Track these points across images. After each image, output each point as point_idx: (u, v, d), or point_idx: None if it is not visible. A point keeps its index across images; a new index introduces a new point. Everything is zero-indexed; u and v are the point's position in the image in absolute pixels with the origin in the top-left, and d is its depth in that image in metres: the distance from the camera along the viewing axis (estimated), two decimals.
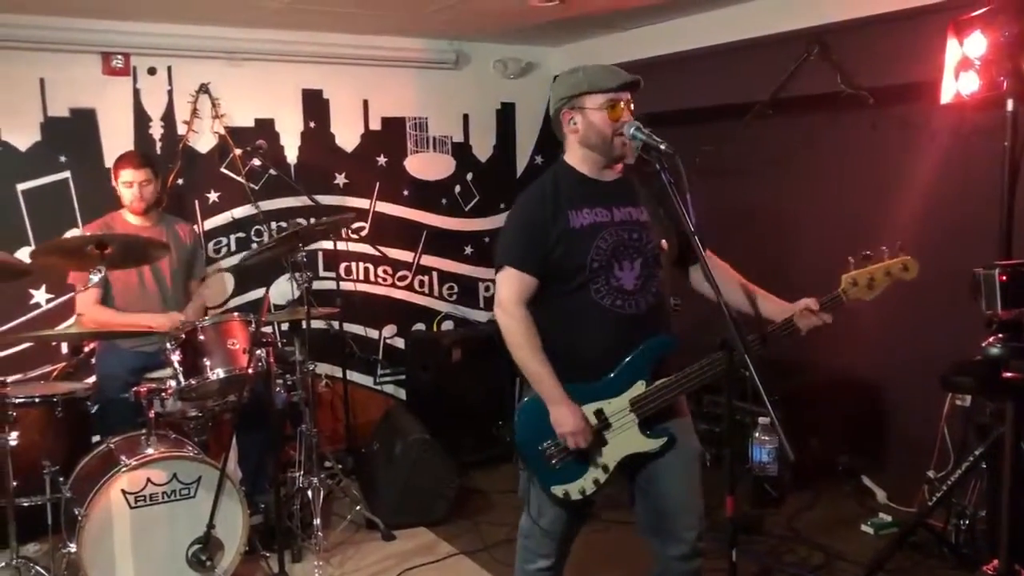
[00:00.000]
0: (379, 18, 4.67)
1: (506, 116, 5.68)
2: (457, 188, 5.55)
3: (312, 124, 5.10)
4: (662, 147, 2.36)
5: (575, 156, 2.55)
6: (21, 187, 4.40)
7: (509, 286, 2.49)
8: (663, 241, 2.52)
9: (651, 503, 2.58)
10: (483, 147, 5.63)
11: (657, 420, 2.51)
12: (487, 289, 5.70)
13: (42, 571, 3.33)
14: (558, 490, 2.52)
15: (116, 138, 4.56)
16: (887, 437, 4.55)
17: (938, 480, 3.75)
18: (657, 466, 2.53)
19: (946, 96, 3.45)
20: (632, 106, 2.49)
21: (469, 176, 5.58)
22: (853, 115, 4.39)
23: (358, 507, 4.08)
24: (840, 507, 4.22)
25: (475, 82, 5.51)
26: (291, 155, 5.06)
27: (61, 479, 3.42)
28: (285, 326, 4.70)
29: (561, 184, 2.52)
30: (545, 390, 2.47)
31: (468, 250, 5.62)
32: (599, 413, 2.49)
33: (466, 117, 5.56)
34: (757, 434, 4.18)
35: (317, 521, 3.74)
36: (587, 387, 2.49)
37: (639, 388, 2.48)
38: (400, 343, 5.44)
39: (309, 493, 3.85)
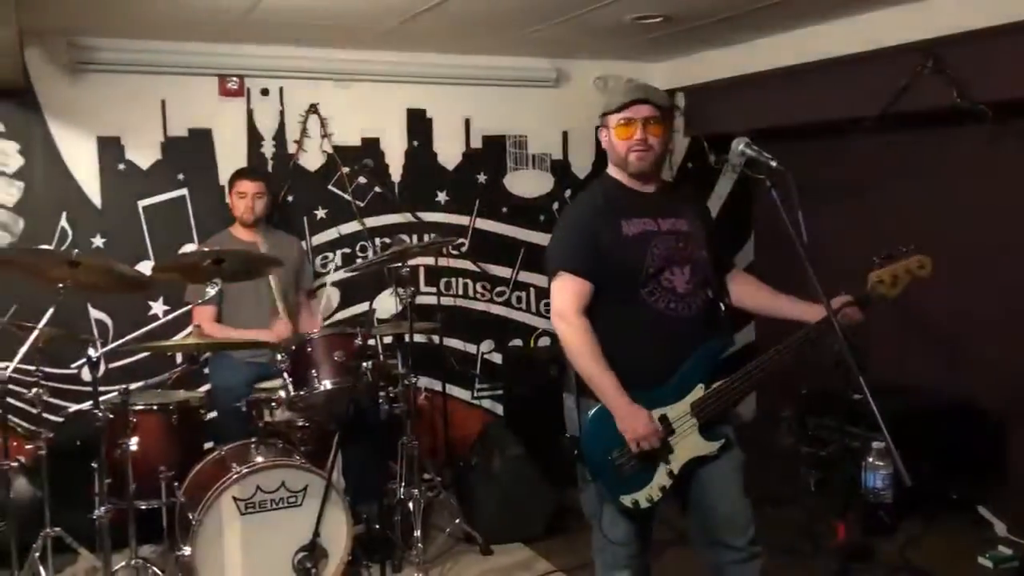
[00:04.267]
0: (482, 38, 4.75)
1: None
2: (555, 205, 5.57)
3: (416, 143, 5.20)
4: (772, 164, 2.34)
5: (614, 169, 2.64)
6: (142, 203, 4.63)
7: (566, 293, 2.54)
8: (704, 251, 2.60)
9: (706, 513, 2.61)
10: (582, 164, 5.63)
11: (714, 423, 2.55)
12: None
13: (158, 572, 3.47)
14: (627, 499, 2.52)
15: (231, 157, 4.75)
16: (1007, 466, 4.34)
17: None
18: (709, 471, 2.57)
19: None
20: (659, 121, 2.53)
21: (568, 193, 5.59)
22: (968, 131, 4.22)
23: (457, 520, 4.12)
24: (955, 538, 4.02)
25: (575, 99, 5.52)
26: (395, 173, 5.17)
27: (176, 484, 3.58)
28: (388, 339, 4.79)
29: (608, 194, 2.61)
30: (609, 398, 2.48)
31: None
32: (663, 419, 2.51)
33: (566, 134, 5.57)
34: (870, 459, 4.03)
35: (417, 533, 3.79)
36: (648, 394, 2.50)
37: (698, 392, 2.52)
38: (497, 358, 5.47)
39: (410, 505, 3.91)
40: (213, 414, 3.94)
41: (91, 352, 3.14)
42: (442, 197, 5.29)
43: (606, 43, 5.03)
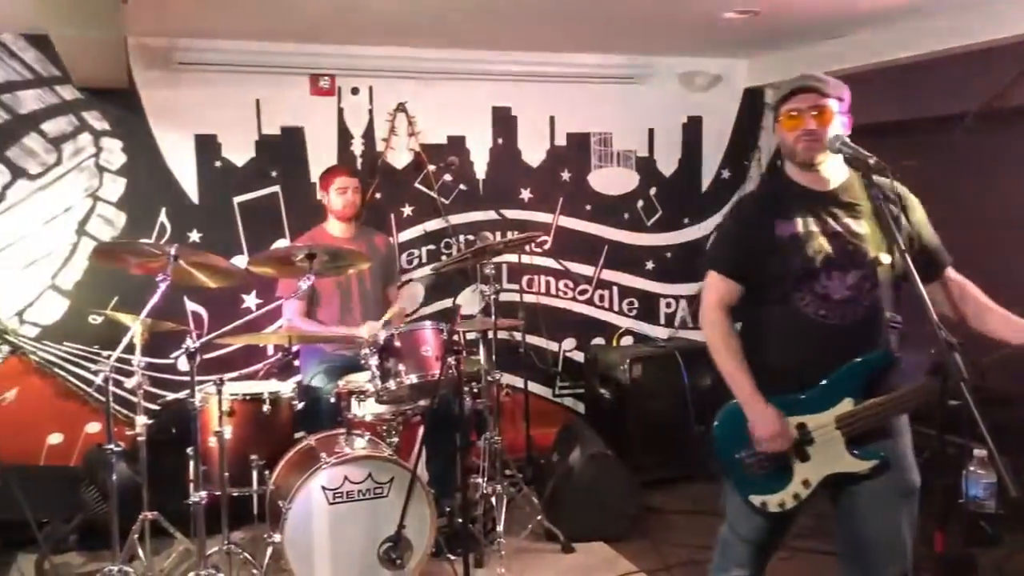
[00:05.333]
0: (568, 36, 4.74)
1: (692, 130, 5.61)
2: (640, 203, 5.53)
3: (500, 140, 5.23)
4: (871, 161, 2.28)
5: (788, 165, 2.53)
6: (237, 200, 4.78)
7: (711, 291, 2.52)
8: (882, 255, 2.40)
9: (852, 531, 2.47)
10: (668, 161, 5.58)
11: (869, 439, 2.40)
12: (668, 306, 5.64)
13: (248, 557, 3.58)
14: (756, 500, 2.47)
15: (321, 154, 4.86)
16: None
17: None
18: (864, 491, 2.41)
19: None
20: (828, 110, 2.39)
21: (653, 191, 5.55)
22: None
23: (539, 517, 4.12)
24: None
25: (661, 96, 5.47)
26: (480, 170, 5.21)
27: (266, 472, 3.67)
28: (471, 336, 4.82)
29: (776, 192, 2.51)
30: (741, 393, 2.44)
31: (649, 265, 5.58)
32: (801, 427, 2.42)
33: (651, 132, 5.53)
34: (972, 468, 3.89)
35: (500, 528, 3.81)
36: (790, 399, 2.42)
37: (847, 405, 2.39)
38: (579, 356, 5.46)
39: (492, 500, 3.93)
40: (303, 404, 4.02)
41: (188, 343, 3.26)
42: (526, 194, 5.30)
43: (692, 39, 4.97)
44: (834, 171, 2.46)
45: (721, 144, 5.65)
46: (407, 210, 5.09)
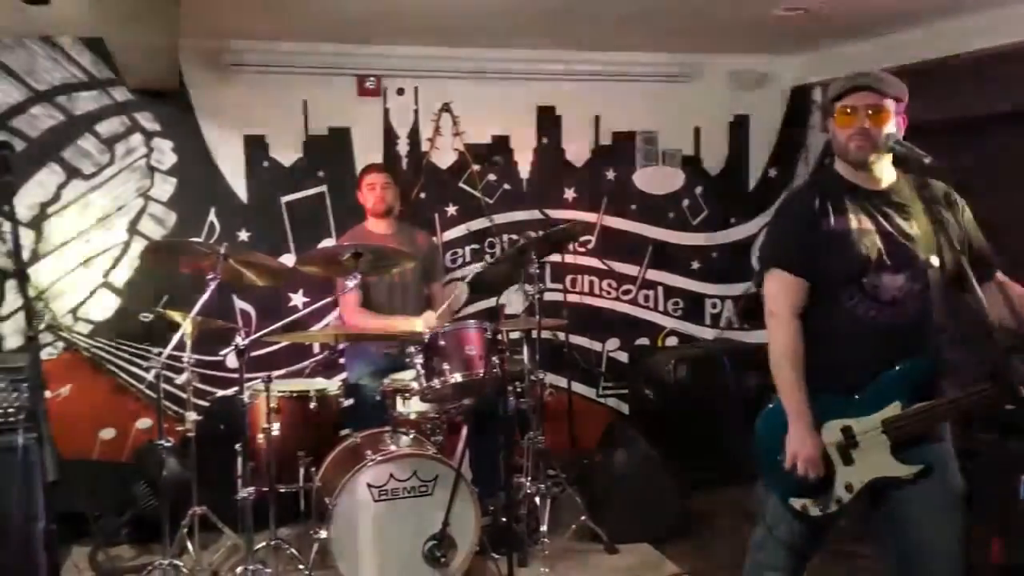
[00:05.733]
0: (615, 35, 4.72)
1: (739, 129, 5.55)
2: (686, 202, 5.49)
3: (545, 140, 5.23)
4: (925, 160, 2.24)
5: (839, 163, 2.48)
6: (285, 199, 4.84)
7: (780, 292, 2.45)
8: (932, 257, 2.35)
9: (898, 540, 2.40)
10: (714, 160, 5.53)
11: (913, 444, 2.34)
12: (714, 306, 5.58)
13: (295, 552, 3.62)
14: (796, 503, 2.43)
15: (367, 154, 4.90)
16: None
17: None
18: (909, 497, 2.35)
19: None
20: (885, 110, 2.34)
21: (699, 190, 5.50)
22: None
23: (583, 517, 4.11)
24: None
25: (708, 95, 5.43)
26: (524, 170, 5.22)
27: (313, 469, 3.71)
28: (514, 335, 4.82)
29: (826, 189, 2.45)
30: (791, 406, 2.39)
31: (695, 265, 5.53)
32: (846, 430, 2.38)
33: (697, 130, 5.48)
34: None
35: (544, 527, 3.81)
36: (836, 400, 2.38)
37: (894, 409, 2.34)
38: (623, 357, 5.44)
39: (536, 499, 3.93)
40: (349, 402, 4.06)
41: (238, 340, 3.31)
42: (570, 194, 5.29)
43: (739, 37, 4.92)
44: (886, 170, 2.42)
45: (768, 143, 5.58)
46: (451, 209, 5.10)
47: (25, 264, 4.28)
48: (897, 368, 2.34)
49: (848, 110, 2.36)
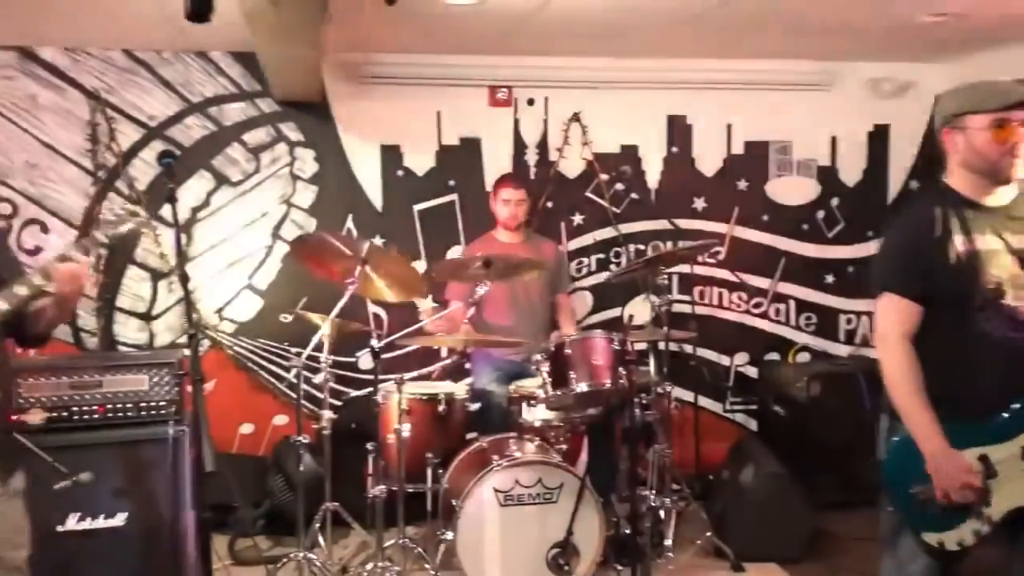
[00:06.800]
0: (750, 42, 4.63)
1: (879, 139, 5.34)
2: (821, 214, 5.32)
3: (674, 149, 5.18)
4: None
5: (957, 178, 2.36)
6: (417, 207, 4.96)
7: (891, 315, 2.35)
8: None
9: None
10: (852, 171, 5.34)
11: None
12: (848, 322, 5.39)
13: (422, 552, 3.70)
14: (931, 538, 2.31)
15: (496, 164, 4.98)
16: None
17: None
18: None
19: None
20: None
21: (835, 201, 5.33)
22: None
23: (708, 533, 4.03)
24: None
25: (845, 103, 5.25)
26: (652, 179, 5.18)
27: (440, 470, 3.78)
28: (640, 346, 4.78)
29: (946, 208, 2.33)
30: (923, 438, 2.27)
31: (830, 279, 5.35)
32: (983, 459, 2.25)
33: (834, 140, 5.32)
34: None
35: (668, 542, 3.76)
36: (970, 428, 2.26)
37: None
38: (751, 372, 5.31)
39: (661, 513, 3.88)
40: (475, 407, 4.13)
41: (373, 343, 3.41)
42: (699, 204, 5.22)
43: (882, 44, 4.74)
44: (1010, 188, 2.33)
45: (910, 154, 5.35)
46: (578, 219, 5.12)
47: (184, 266, 4.53)
48: None
49: (1002, 122, 2.24)
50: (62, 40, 4.49)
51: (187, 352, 4.05)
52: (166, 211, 4.64)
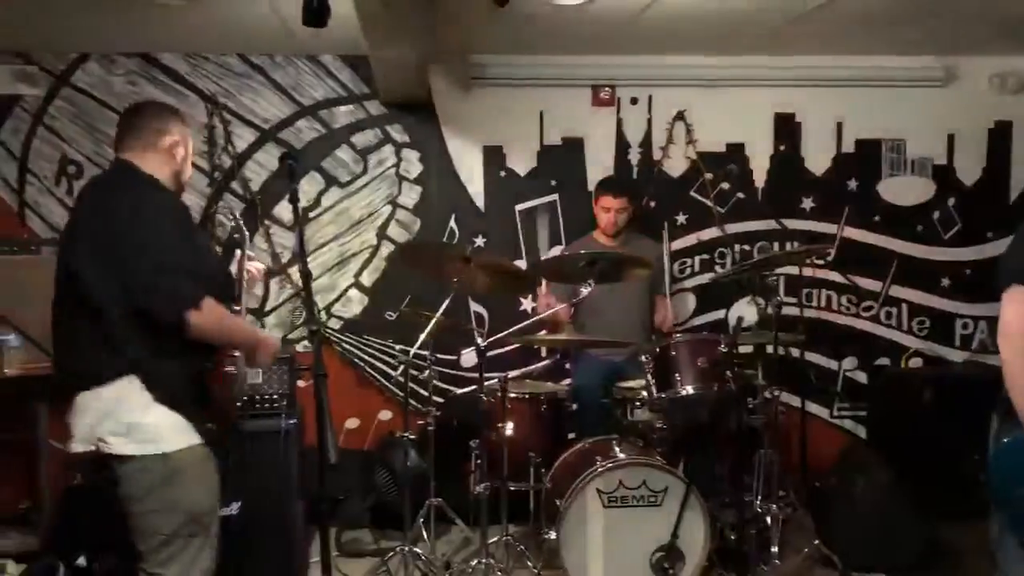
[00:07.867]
0: (864, 37, 4.49)
1: (1000, 136, 5.10)
2: (936, 214, 5.12)
3: (782, 147, 5.06)
4: None
5: None
6: (518, 207, 4.99)
7: (1015, 310, 2.25)
8: None
9: None
10: (970, 170, 5.12)
11: None
12: (965, 327, 5.17)
13: (524, 550, 3.72)
14: None
15: (599, 164, 4.96)
16: None
17: None
18: None
19: None
20: None
21: (951, 201, 5.12)
22: None
23: (815, 541, 3.93)
24: None
25: (964, 99, 5.04)
26: (759, 178, 5.07)
27: (543, 470, 3.79)
28: (746, 349, 4.69)
29: None
30: None
31: (945, 282, 5.14)
32: None
33: (951, 137, 5.10)
34: None
35: (775, 548, 3.68)
36: None
37: None
38: (860, 377, 5.15)
39: (767, 519, 3.80)
40: (574, 406, 4.12)
41: (479, 341, 3.45)
42: (808, 204, 5.08)
43: (1007, 37, 4.52)
44: None
45: None
46: (681, 218, 5.05)
47: (307, 263, 4.67)
48: None
49: None
50: (182, 46, 4.69)
51: (301, 348, 4.28)
52: (279, 210, 4.84)
